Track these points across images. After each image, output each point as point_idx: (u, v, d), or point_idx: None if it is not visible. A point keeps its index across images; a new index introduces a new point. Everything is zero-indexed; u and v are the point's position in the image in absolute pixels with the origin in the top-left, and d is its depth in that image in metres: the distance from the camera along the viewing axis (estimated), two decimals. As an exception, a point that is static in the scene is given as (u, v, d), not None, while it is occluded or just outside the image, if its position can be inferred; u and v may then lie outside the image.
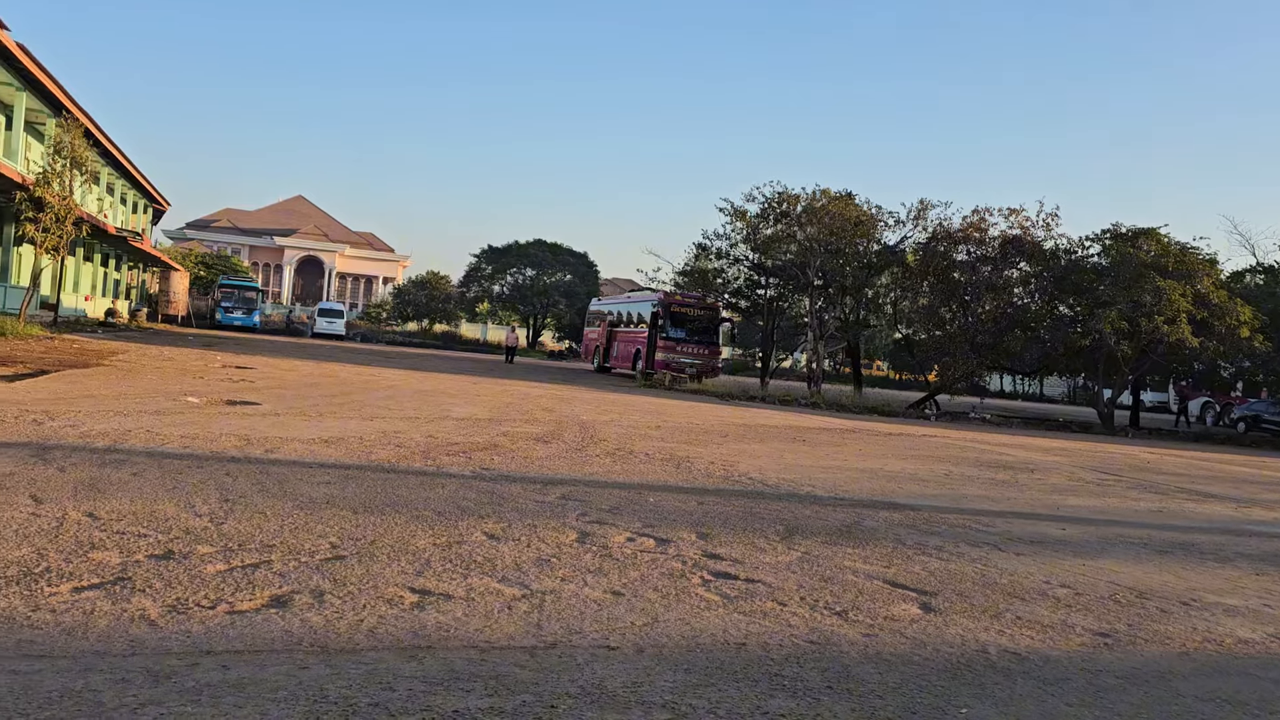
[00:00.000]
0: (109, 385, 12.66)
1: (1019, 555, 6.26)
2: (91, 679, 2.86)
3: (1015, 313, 28.41)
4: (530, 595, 4.23)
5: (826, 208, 29.61)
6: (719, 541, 5.81)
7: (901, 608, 4.60)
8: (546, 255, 65.38)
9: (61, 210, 24.81)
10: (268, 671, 3.04)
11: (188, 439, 8.14)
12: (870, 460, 11.87)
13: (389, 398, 14.99)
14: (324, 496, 6.09)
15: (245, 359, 22.79)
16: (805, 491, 8.38)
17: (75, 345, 21.25)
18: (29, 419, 8.47)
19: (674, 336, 32.16)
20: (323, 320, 58.30)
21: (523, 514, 6.13)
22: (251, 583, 4.04)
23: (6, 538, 4.40)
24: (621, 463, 9.28)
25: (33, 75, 28.31)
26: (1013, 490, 10.11)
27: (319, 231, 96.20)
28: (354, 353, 35.54)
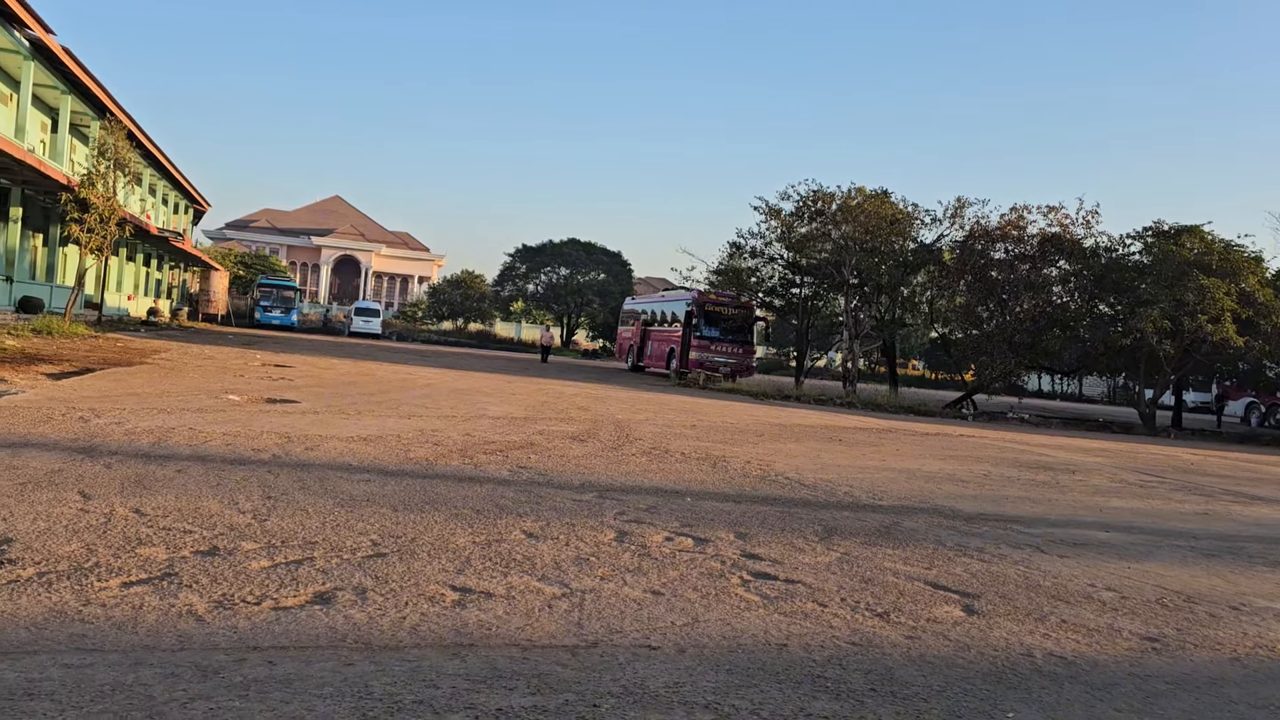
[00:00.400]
0: (152, 383, 12.85)
1: (1062, 558, 6.18)
2: (142, 673, 2.90)
3: (1054, 311, 28.04)
4: (570, 594, 4.23)
5: (862, 206, 29.39)
6: (757, 541, 5.78)
7: (944, 610, 4.56)
8: (580, 254, 65.52)
9: (105, 211, 25.21)
10: (313, 668, 3.07)
11: (230, 437, 8.24)
12: (907, 460, 11.78)
13: (425, 396, 15.09)
14: (364, 494, 6.14)
15: (284, 357, 23.04)
16: (843, 492, 8.33)
17: (119, 344, 21.60)
18: (76, 416, 8.62)
19: (708, 335, 32.09)
20: (359, 319, 58.81)
21: (560, 513, 6.14)
22: (295, 579, 4.08)
23: (57, 533, 4.47)
24: (657, 462, 9.27)
25: (77, 78, 28.82)
26: (1054, 492, 9.98)
27: (355, 231, 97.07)
28: (390, 351, 35.82)
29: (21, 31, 25.09)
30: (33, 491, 5.32)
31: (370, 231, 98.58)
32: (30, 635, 3.14)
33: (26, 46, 25.71)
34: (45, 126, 33.10)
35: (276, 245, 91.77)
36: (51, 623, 3.28)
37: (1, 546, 4.15)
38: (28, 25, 24.55)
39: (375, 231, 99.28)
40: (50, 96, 30.59)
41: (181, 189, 51.42)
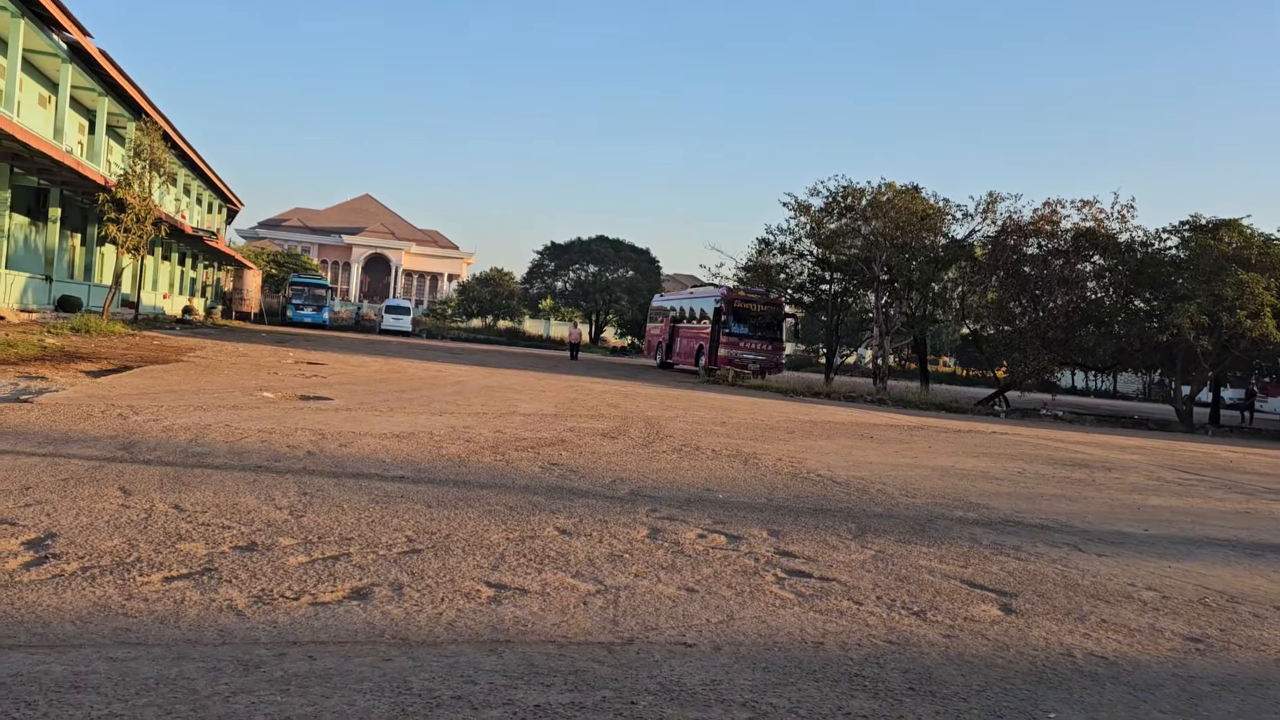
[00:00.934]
0: (188, 380, 13.00)
1: (1100, 556, 6.11)
2: (185, 667, 2.93)
3: (1088, 307, 27.74)
4: (605, 591, 4.23)
5: (893, 202, 29.22)
6: (790, 539, 5.76)
7: (981, 608, 4.52)
8: (609, 251, 65.59)
9: (141, 211, 25.54)
10: (352, 663, 3.09)
11: (265, 434, 8.32)
12: (940, 458, 11.69)
13: (456, 393, 15.16)
14: (398, 491, 6.18)
15: (316, 355, 23.24)
16: (876, 489, 8.28)
17: (155, 341, 21.88)
18: (115, 413, 8.74)
19: (737, 332, 32.03)
20: (390, 317, 59.23)
21: (593, 510, 6.15)
22: (333, 575, 4.11)
23: (99, 528, 4.54)
24: (688, 459, 9.26)
25: (114, 80, 29.21)
26: (1090, 489, 9.87)
27: (386, 230, 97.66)
28: (420, 349, 36.03)
29: (60, 34, 25.46)
30: (75, 487, 5.40)
31: (400, 230, 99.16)
32: (75, 629, 3.19)
33: (64, 49, 26.08)
34: (83, 128, 33.56)
35: (308, 244, 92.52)
36: (96, 616, 3.32)
37: (46, 541, 4.22)
38: (65, 28, 24.91)
39: (405, 230, 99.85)
40: (88, 98, 31.01)
41: (215, 189, 51.98)
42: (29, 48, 25.17)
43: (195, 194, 49.04)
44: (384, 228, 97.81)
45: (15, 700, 2.58)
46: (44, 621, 3.23)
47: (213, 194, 53.56)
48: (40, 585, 3.60)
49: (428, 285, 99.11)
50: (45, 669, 2.82)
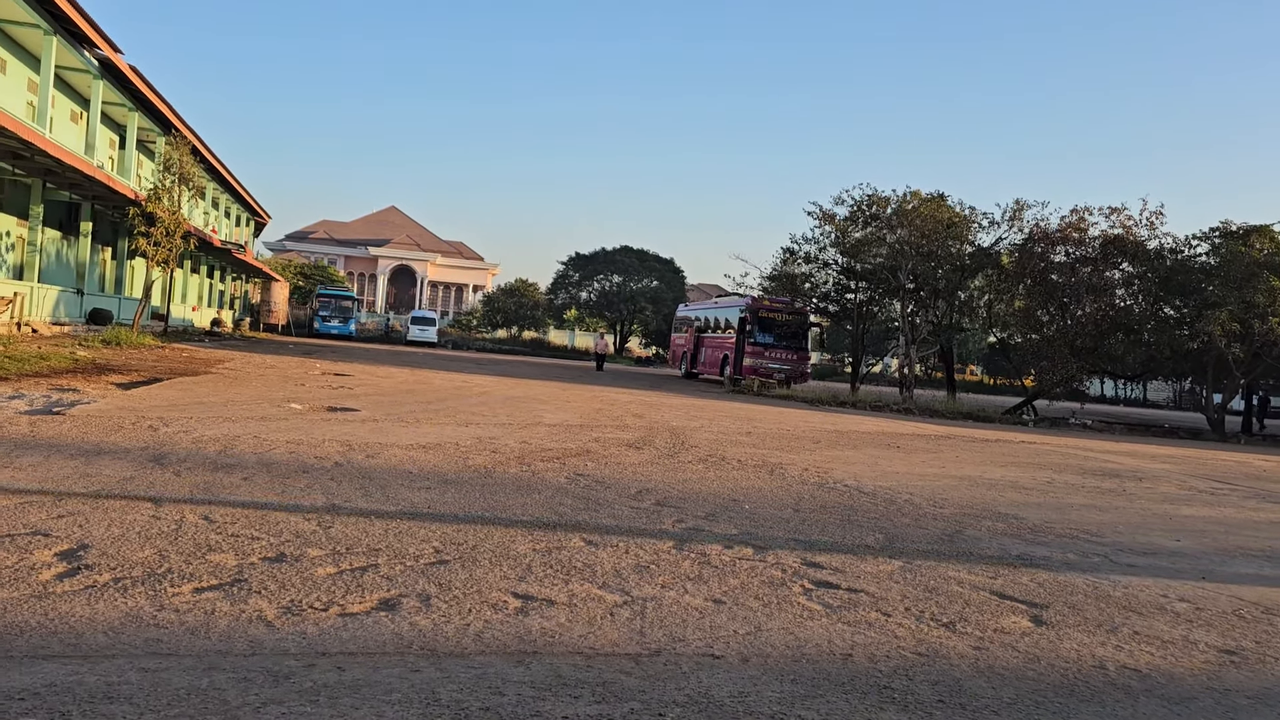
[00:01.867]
0: (217, 392, 13.12)
1: (1132, 567, 6.03)
2: (215, 677, 2.95)
3: (1117, 315, 27.46)
4: (631, 602, 4.23)
5: (918, 210, 29.07)
6: (818, 549, 5.73)
7: (1011, 620, 4.47)
8: (633, 262, 65.69)
9: (171, 224, 25.84)
10: (381, 674, 3.10)
11: (293, 445, 8.38)
12: (968, 467, 11.59)
13: (481, 404, 15.21)
14: (425, 501, 6.20)
15: (343, 366, 23.40)
16: (903, 499, 8.22)
17: (184, 354, 22.11)
18: (145, 425, 8.83)
19: (762, 342, 31.95)
20: (415, 328, 59.57)
21: (619, 520, 6.14)
22: (361, 586, 4.13)
23: (130, 539, 4.58)
24: (714, 469, 9.24)
25: (144, 96, 29.61)
26: (1121, 499, 9.76)
27: (411, 241, 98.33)
28: (446, 359, 36.20)
29: (91, 51, 25.85)
30: (106, 499, 5.46)
31: (425, 241, 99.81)
32: (108, 639, 3.22)
33: (95, 66, 26.48)
34: (114, 143, 34.06)
35: (335, 256, 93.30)
36: (128, 627, 3.36)
37: (78, 552, 4.27)
38: (97, 45, 25.28)
39: (430, 241, 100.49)
40: (118, 114, 31.47)
41: (243, 202, 52.54)
42: (61, 65, 25.58)
43: (224, 207, 49.57)
44: (410, 239, 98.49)
45: (49, 710, 2.61)
46: (77, 632, 3.26)
47: (240, 207, 54.13)
48: (73, 596, 3.64)
49: (453, 296, 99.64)
50: (79, 679, 2.85)
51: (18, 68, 25.66)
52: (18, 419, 8.56)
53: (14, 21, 23.15)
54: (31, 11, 22.23)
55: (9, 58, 25.02)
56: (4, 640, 3.13)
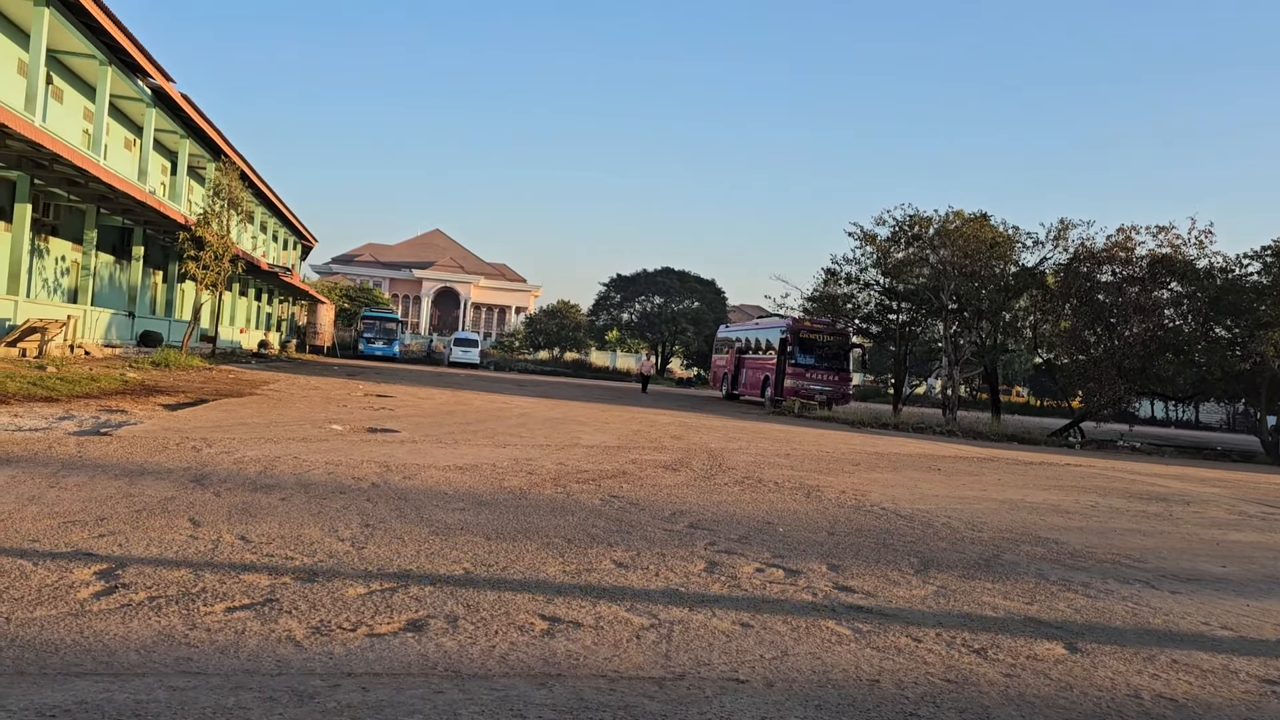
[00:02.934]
0: (261, 413, 13.33)
1: (1174, 594, 5.90)
2: (242, 697, 2.99)
3: (1166, 335, 26.95)
4: (659, 625, 4.22)
5: (960, 230, 28.82)
6: (850, 573, 5.68)
7: (1045, 647, 4.39)
8: (674, 283, 65.78)
9: (219, 248, 26.36)
10: (404, 695, 3.13)
11: (332, 465, 8.49)
12: (1009, 490, 11.43)
13: (520, 425, 15.29)
14: (458, 522, 6.25)
15: (385, 388, 23.66)
16: (940, 523, 8.13)
17: (231, 375, 22.49)
18: (189, 446, 9.00)
19: (803, 363, 31.82)
20: (458, 350, 60.05)
21: (651, 543, 6.14)
22: (390, 606, 4.16)
23: (168, 558, 4.67)
24: (750, 491, 9.20)
25: (195, 123, 30.31)
26: (1166, 524, 9.56)
27: (455, 264, 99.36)
28: (487, 381, 36.44)
29: (144, 80, 26.53)
30: (147, 518, 5.57)
31: (469, 264, 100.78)
32: (140, 658, 3.28)
33: (148, 95, 27.18)
34: (165, 169, 34.86)
35: (380, 278, 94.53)
36: (160, 646, 3.42)
37: (116, 571, 4.35)
38: (150, 75, 25.95)
39: (473, 264, 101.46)
40: (170, 141, 32.23)
41: (290, 226, 53.47)
42: (116, 94, 26.29)
43: (271, 231, 50.49)
44: (453, 262, 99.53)
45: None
46: (110, 650, 3.33)
47: (288, 231, 55.09)
48: (108, 614, 3.72)
49: (496, 318, 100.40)
50: (109, 697, 2.91)
51: (74, 97, 26.41)
52: (66, 440, 8.76)
53: (71, 52, 23.85)
54: (88, 43, 22.90)
55: (66, 87, 25.75)
56: (40, 658, 3.21)
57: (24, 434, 8.95)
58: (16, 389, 12.52)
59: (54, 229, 25.72)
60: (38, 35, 20.57)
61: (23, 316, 20.24)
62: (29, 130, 17.03)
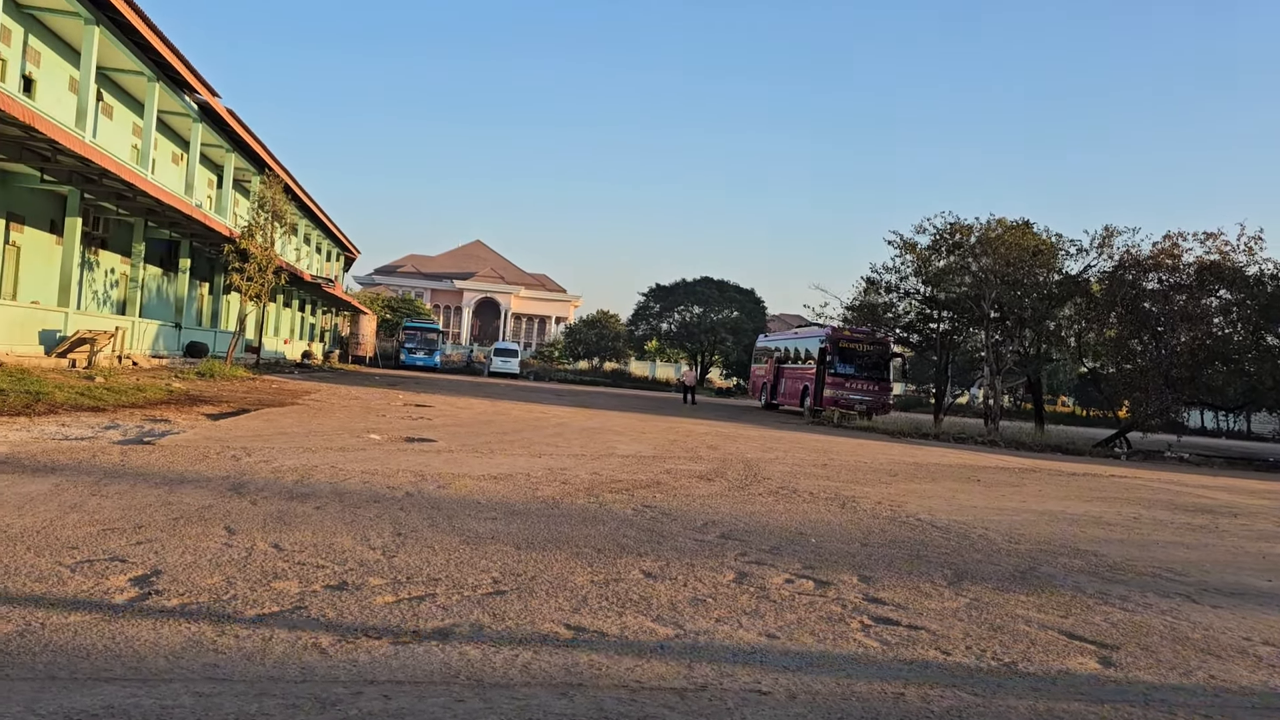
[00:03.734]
0: (301, 423, 13.50)
1: (1215, 608, 5.77)
2: (265, 703, 3.03)
3: (1215, 344, 26.41)
4: (684, 635, 4.21)
5: (1002, 237, 28.48)
6: (882, 585, 5.63)
7: (1077, 661, 4.32)
8: (713, 292, 65.66)
9: (263, 260, 26.79)
10: (425, 703, 3.15)
11: (368, 475, 8.57)
12: (1050, 502, 11.26)
13: (557, 435, 15.34)
14: (489, 532, 6.28)
15: (425, 397, 23.86)
16: (977, 534, 8.02)
17: (274, 385, 22.81)
18: (229, 455, 9.14)
19: (842, 372, 31.63)
20: (498, 359, 60.44)
21: (681, 553, 6.13)
22: (417, 615, 4.19)
23: (202, 566, 4.74)
24: (784, 502, 9.15)
25: (240, 137, 30.86)
26: (1211, 536, 9.36)
27: (495, 274, 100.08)
28: (527, 391, 36.62)
29: (190, 96, 27.07)
30: (184, 526, 5.66)
31: (509, 274, 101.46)
32: (168, 664, 3.33)
33: (195, 110, 27.72)
34: (211, 183, 35.51)
35: (421, 289, 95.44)
36: (188, 652, 3.47)
37: (151, 578, 4.43)
38: (196, 90, 26.47)
39: (514, 274, 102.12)
40: (216, 155, 32.83)
41: (333, 238, 54.17)
42: (163, 109, 26.86)
43: (315, 243, 51.19)
44: (494, 272, 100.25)
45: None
46: (140, 655, 3.39)
47: (331, 243, 55.82)
48: (140, 620, 3.79)
49: (536, 328, 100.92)
50: (135, 701, 2.96)
51: (123, 113, 27.01)
52: (110, 449, 8.94)
53: (120, 69, 24.41)
54: (136, 60, 23.42)
55: (115, 103, 26.35)
56: (71, 663, 3.27)
57: (70, 443, 9.15)
58: (64, 399, 12.80)
59: (104, 242, 26.29)
60: (88, 53, 21.09)
61: (73, 328, 20.69)
62: (79, 146, 17.43)
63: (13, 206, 21.22)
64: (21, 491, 6.37)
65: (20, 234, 21.78)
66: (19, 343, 18.82)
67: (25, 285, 21.99)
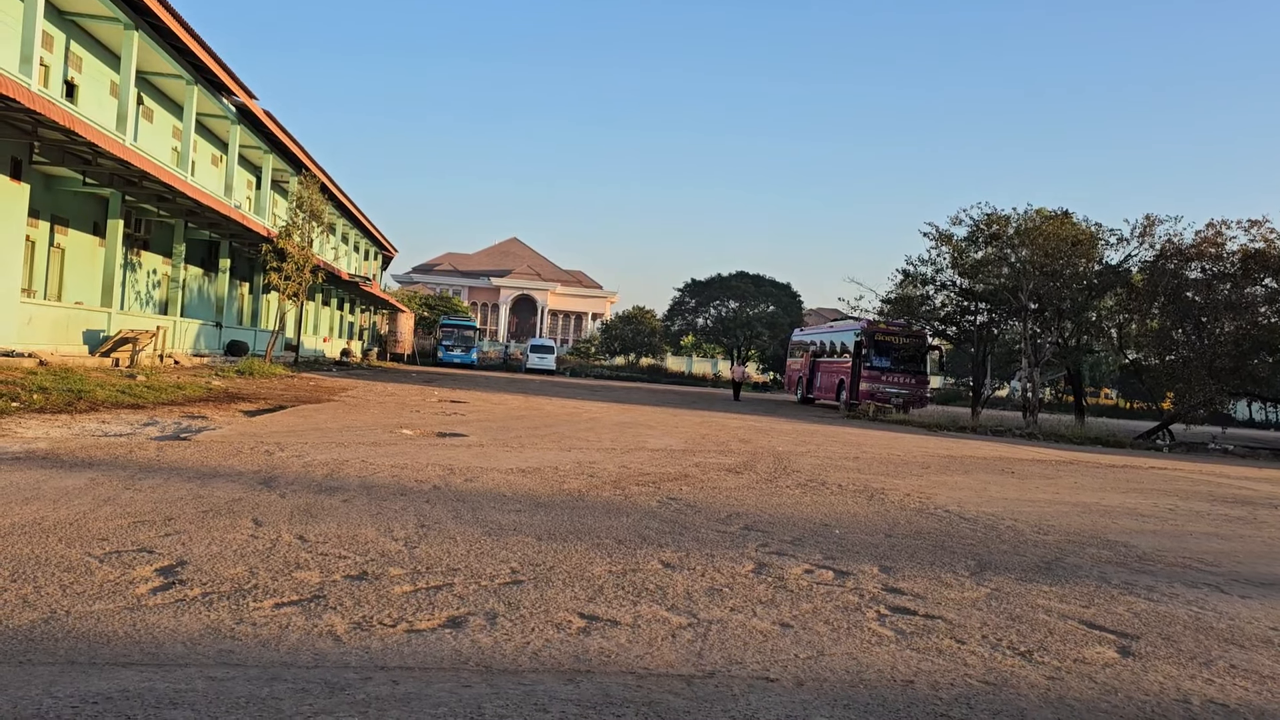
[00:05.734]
0: (335, 419, 13.68)
1: (1244, 599, 5.68)
2: (275, 687, 3.10)
3: (1260, 334, 25.87)
4: (696, 624, 4.23)
5: (1040, 228, 28.10)
6: (902, 575, 5.60)
7: (1096, 650, 4.28)
8: (749, 287, 65.51)
9: (301, 259, 27.13)
10: (433, 688, 3.20)
11: (397, 469, 8.68)
12: (1085, 494, 11.12)
13: (589, 429, 15.41)
14: (512, 524, 6.34)
15: (460, 394, 24.05)
16: (1005, 526, 7.95)
17: (311, 383, 23.11)
18: (262, 450, 9.29)
19: (878, 366, 31.43)
20: (534, 356, 60.77)
21: (702, 544, 6.14)
22: (432, 604, 4.25)
23: (227, 556, 4.84)
24: (811, 494, 9.13)
25: (277, 139, 31.25)
26: (1248, 528, 9.19)
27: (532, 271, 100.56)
28: (562, 386, 36.76)
29: (228, 99, 27.46)
30: (212, 519, 5.78)
31: (545, 271, 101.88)
32: (185, 650, 3.42)
33: (233, 112, 28.12)
34: (250, 184, 36.00)
35: (458, 287, 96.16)
36: (206, 639, 3.55)
37: (176, 569, 4.53)
38: (234, 93, 26.84)
39: (550, 271, 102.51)
40: (254, 156, 33.29)
41: (371, 237, 54.69)
42: (202, 112, 27.29)
43: (353, 242, 51.73)
44: (530, 269, 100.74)
45: (117, 714, 2.79)
46: (158, 642, 3.47)
47: (369, 242, 56.36)
48: (162, 609, 3.88)
49: (572, 324, 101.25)
50: (150, 686, 3.04)
51: (163, 116, 27.47)
52: (147, 444, 9.12)
53: (159, 73, 24.83)
54: (174, 64, 23.81)
55: (155, 107, 26.81)
56: (91, 648, 3.36)
57: (108, 439, 9.35)
58: (105, 397, 13.07)
59: (145, 243, 26.78)
60: (128, 58, 21.48)
61: (116, 328, 21.11)
62: (119, 149, 17.77)
63: (57, 210, 21.68)
64: (59, 486, 6.53)
65: (64, 236, 22.26)
66: (63, 343, 19.24)
67: (70, 286, 22.47)
